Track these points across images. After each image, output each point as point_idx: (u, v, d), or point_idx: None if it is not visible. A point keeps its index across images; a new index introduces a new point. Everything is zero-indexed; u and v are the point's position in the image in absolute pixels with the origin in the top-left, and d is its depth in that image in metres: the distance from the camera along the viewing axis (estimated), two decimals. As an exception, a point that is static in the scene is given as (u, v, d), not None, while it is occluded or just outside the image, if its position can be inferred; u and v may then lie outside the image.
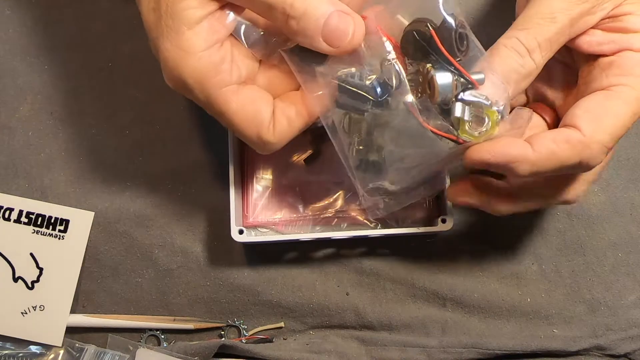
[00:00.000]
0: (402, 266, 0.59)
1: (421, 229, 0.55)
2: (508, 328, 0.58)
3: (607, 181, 0.60)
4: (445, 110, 0.43)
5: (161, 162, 0.59)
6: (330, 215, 0.56)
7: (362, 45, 0.44)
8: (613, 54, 0.44)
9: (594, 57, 0.45)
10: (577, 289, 0.59)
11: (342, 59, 0.45)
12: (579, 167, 0.43)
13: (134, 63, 0.60)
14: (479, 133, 0.43)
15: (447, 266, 0.59)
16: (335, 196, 0.56)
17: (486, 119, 0.42)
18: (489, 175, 0.50)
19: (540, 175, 0.43)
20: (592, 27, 0.44)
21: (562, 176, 0.48)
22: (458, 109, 0.42)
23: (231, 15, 0.43)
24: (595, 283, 0.59)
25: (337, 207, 0.56)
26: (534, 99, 0.51)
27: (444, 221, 0.54)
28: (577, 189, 0.49)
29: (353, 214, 0.56)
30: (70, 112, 0.60)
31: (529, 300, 0.59)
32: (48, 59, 0.61)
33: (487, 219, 0.59)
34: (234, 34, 0.45)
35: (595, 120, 0.42)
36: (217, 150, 0.58)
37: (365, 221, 0.56)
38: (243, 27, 0.45)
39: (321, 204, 0.56)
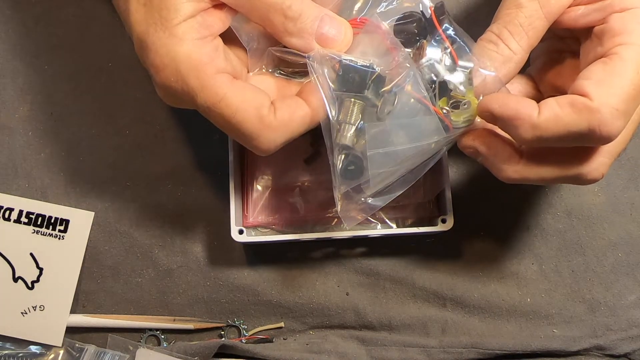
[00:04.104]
0: (402, 266, 0.59)
1: (421, 229, 0.55)
2: (508, 328, 0.58)
3: (607, 181, 0.60)
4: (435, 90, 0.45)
5: (161, 162, 0.59)
6: (330, 215, 0.56)
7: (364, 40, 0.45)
8: (601, 22, 0.44)
9: (588, 33, 0.45)
10: (577, 289, 0.59)
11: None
12: (593, 136, 0.40)
13: (134, 63, 0.60)
14: (461, 112, 0.44)
15: (447, 266, 0.59)
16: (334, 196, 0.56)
17: (468, 103, 0.44)
18: None
19: (547, 143, 0.42)
20: (574, 5, 0.45)
21: (580, 147, 0.44)
22: (443, 77, 0.44)
23: (224, 15, 0.44)
24: (595, 283, 0.59)
25: (337, 207, 0.56)
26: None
27: (444, 221, 0.54)
28: (597, 163, 0.44)
29: (353, 214, 0.56)
30: (70, 112, 0.60)
31: (529, 300, 0.59)
32: (48, 59, 0.60)
33: (487, 219, 0.59)
34: (234, 30, 0.45)
35: (599, 84, 0.41)
36: (217, 150, 0.58)
37: (365, 221, 0.56)
38: (238, 30, 0.46)
39: (321, 204, 0.56)
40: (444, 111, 0.44)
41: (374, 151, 0.44)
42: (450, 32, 0.45)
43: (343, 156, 0.46)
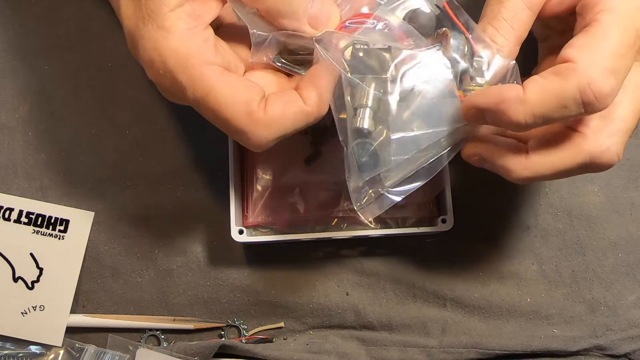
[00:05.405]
0: (402, 266, 0.59)
1: (421, 229, 0.55)
2: (508, 328, 0.58)
3: (607, 181, 0.60)
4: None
5: (161, 162, 0.59)
6: (330, 215, 0.56)
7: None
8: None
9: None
10: (577, 289, 0.59)
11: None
12: (586, 99, 0.39)
13: (134, 63, 0.59)
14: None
15: (447, 266, 0.59)
16: (335, 196, 0.56)
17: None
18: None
19: (543, 120, 0.40)
20: None
21: (587, 128, 0.43)
22: (462, 66, 0.44)
23: (214, 3, 0.43)
24: (595, 283, 0.59)
25: (337, 207, 0.56)
26: None
27: (444, 221, 0.54)
28: (609, 143, 0.42)
29: (353, 214, 0.56)
30: (70, 112, 0.60)
31: (529, 300, 0.59)
32: (48, 59, 0.60)
33: (487, 219, 0.59)
34: (238, 14, 0.44)
35: (582, 48, 0.40)
36: (217, 150, 0.58)
37: (365, 221, 0.56)
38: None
39: (321, 204, 0.56)
40: (467, 94, 0.43)
41: (397, 135, 0.43)
42: (466, 23, 0.45)
43: (357, 147, 0.43)
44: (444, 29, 0.45)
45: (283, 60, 0.46)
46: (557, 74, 0.40)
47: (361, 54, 0.43)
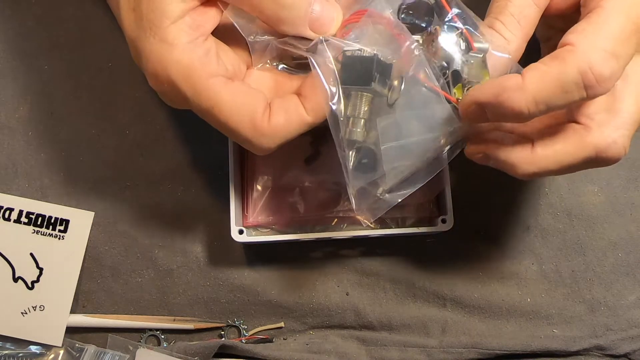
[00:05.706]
0: (402, 266, 0.59)
1: (421, 229, 0.55)
2: (508, 328, 0.58)
3: (607, 181, 0.60)
4: (448, 78, 0.43)
5: (161, 162, 0.59)
6: (330, 215, 0.56)
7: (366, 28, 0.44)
8: None
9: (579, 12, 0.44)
10: (577, 289, 0.59)
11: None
12: (587, 82, 0.38)
13: (134, 63, 0.60)
14: None
15: (447, 266, 0.59)
16: (335, 196, 0.56)
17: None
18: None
19: (545, 107, 0.39)
20: None
21: (592, 120, 0.43)
22: (457, 63, 0.43)
23: (214, 12, 0.43)
24: (595, 283, 0.59)
25: (337, 207, 0.56)
26: None
27: (444, 221, 0.54)
28: (615, 136, 0.42)
29: (353, 214, 0.56)
30: (70, 112, 0.60)
31: (529, 300, 0.59)
32: (48, 59, 0.60)
33: (487, 219, 0.59)
34: (235, 25, 0.44)
35: (583, 33, 0.39)
36: (217, 150, 0.58)
37: (365, 223, 0.56)
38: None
39: (321, 204, 0.56)
40: (459, 100, 0.43)
41: (387, 145, 0.43)
42: (461, 15, 0.44)
43: (354, 151, 0.44)
44: (435, 27, 0.44)
45: (285, 65, 0.47)
46: (556, 58, 0.39)
47: (350, 63, 0.43)
